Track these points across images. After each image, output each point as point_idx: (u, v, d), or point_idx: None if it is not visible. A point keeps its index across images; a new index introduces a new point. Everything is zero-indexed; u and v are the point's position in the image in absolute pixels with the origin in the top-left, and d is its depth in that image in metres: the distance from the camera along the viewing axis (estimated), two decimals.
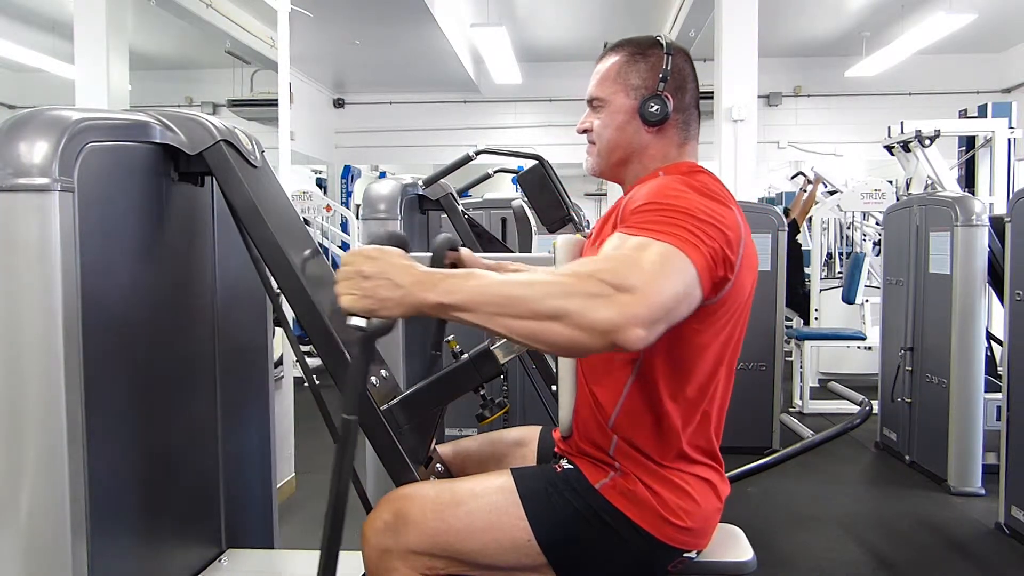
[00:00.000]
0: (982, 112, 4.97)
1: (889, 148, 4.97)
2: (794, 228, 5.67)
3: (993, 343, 3.70)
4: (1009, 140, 4.80)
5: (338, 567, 1.04)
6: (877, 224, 5.68)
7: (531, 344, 0.96)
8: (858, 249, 6.07)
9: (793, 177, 6.63)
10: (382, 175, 10.54)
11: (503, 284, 0.96)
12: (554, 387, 2.03)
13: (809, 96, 9.35)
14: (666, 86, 1.26)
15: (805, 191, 6.05)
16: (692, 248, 1.01)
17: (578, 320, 0.91)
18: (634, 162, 1.31)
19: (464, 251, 1.50)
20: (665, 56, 1.27)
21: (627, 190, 1.34)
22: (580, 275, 0.94)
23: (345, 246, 7.31)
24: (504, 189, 7.46)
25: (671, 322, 0.97)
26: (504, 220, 3.78)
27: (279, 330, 2.70)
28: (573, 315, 0.91)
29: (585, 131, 1.34)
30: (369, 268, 0.99)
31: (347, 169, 9.93)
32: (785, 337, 4.56)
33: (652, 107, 1.26)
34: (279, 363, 3.10)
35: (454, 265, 1.48)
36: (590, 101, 1.33)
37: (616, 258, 0.98)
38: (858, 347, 5.37)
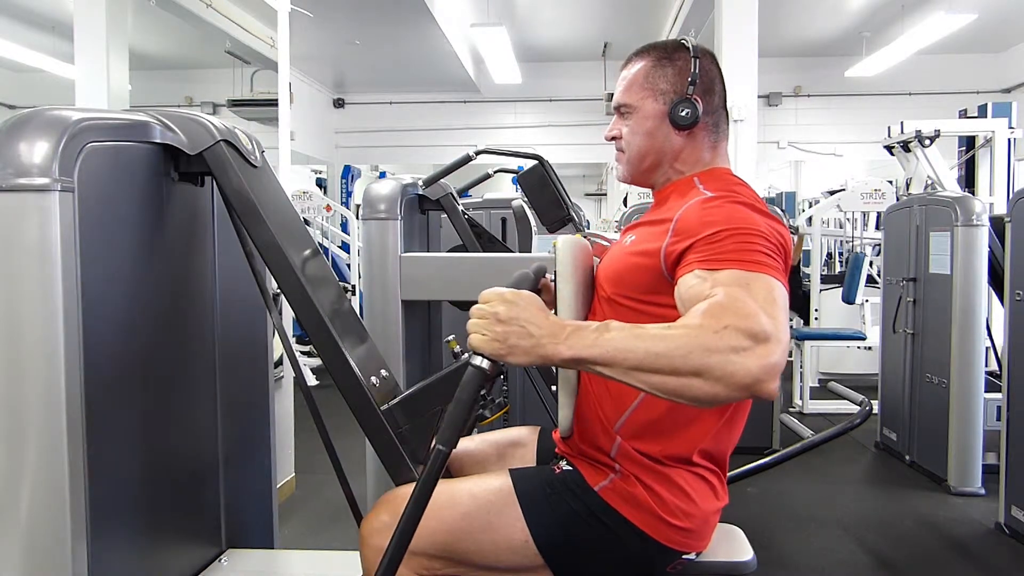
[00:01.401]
0: (982, 112, 4.97)
1: (889, 148, 4.97)
2: None
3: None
4: (1009, 140, 4.80)
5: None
6: (877, 228, 5.68)
7: (670, 398, 0.96)
8: (858, 247, 6.07)
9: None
10: (382, 175, 10.54)
11: (640, 338, 0.95)
12: (554, 387, 2.03)
13: (809, 96, 9.34)
14: (695, 89, 1.26)
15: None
16: (776, 272, 1.03)
17: (720, 375, 0.91)
18: (665, 166, 1.31)
19: (548, 277, 1.49)
20: (692, 59, 1.27)
21: (658, 194, 1.34)
22: (716, 329, 0.93)
23: (345, 246, 7.31)
24: (504, 189, 7.45)
25: None
26: (504, 220, 3.78)
27: None
28: (715, 370, 0.91)
29: (614, 138, 1.34)
30: (505, 312, 0.99)
31: (347, 169, 9.93)
32: None
33: (682, 111, 1.25)
34: (279, 363, 3.10)
35: (537, 291, 1.46)
36: (618, 108, 1.33)
37: (738, 303, 0.96)
38: (858, 347, 5.37)
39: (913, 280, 3.77)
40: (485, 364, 0.99)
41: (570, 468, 1.26)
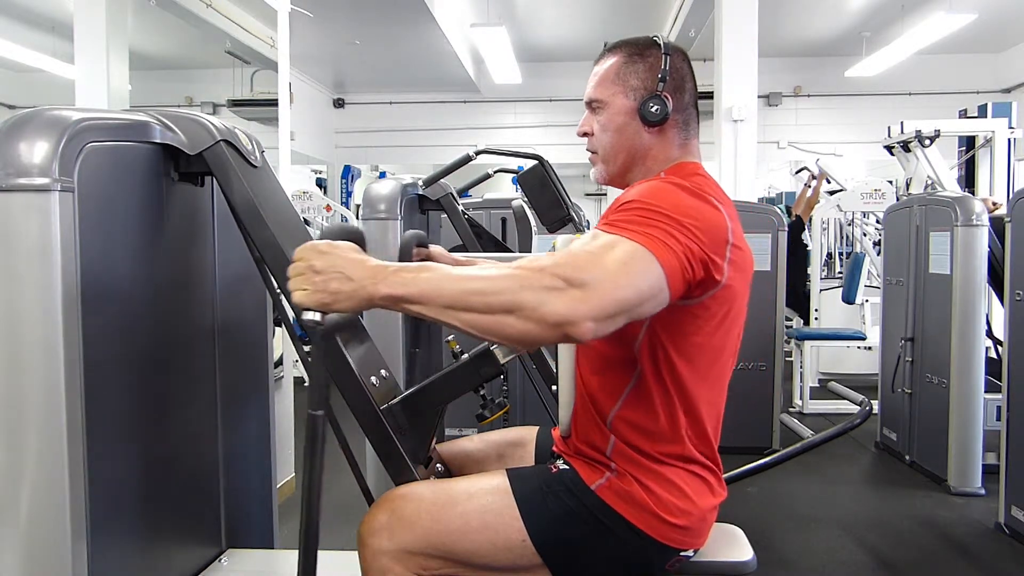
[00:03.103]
0: (982, 112, 4.98)
1: (889, 148, 4.97)
2: (799, 225, 5.68)
3: (996, 344, 3.70)
4: (1009, 140, 4.80)
5: (317, 565, 1.04)
6: (877, 223, 5.69)
7: (485, 337, 0.98)
8: (859, 248, 6.07)
9: (797, 172, 6.65)
10: (382, 175, 10.54)
11: (457, 278, 0.98)
12: (554, 387, 2.03)
13: (809, 96, 9.34)
14: (665, 86, 1.26)
15: (809, 187, 6.04)
16: (663, 249, 1.03)
17: (530, 313, 0.94)
18: (638, 165, 1.30)
19: (434, 248, 1.50)
20: (663, 56, 1.27)
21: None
22: (534, 269, 0.96)
23: None
24: (504, 189, 7.46)
25: (632, 318, 1.01)
26: (504, 220, 3.78)
27: (279, 330, 2.70)
28: (526, 308, 0.94)
29: (585, 134, 1.34)
30: (320, 263, 1.00)
31: (347, 169, 9.93)
32: (785, 337, 4.56)
33: (652, 107, 1.25)
34: (279, 363, 3.10)
35: (424, 261, 1.48)
36: (589, 103, 1.33)
37: (577, 254, 0.99)
38: (858, 347, 5.37)
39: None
40: (316, 316, 1.00)
41: (567, 467, 1.26)
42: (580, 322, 0.93)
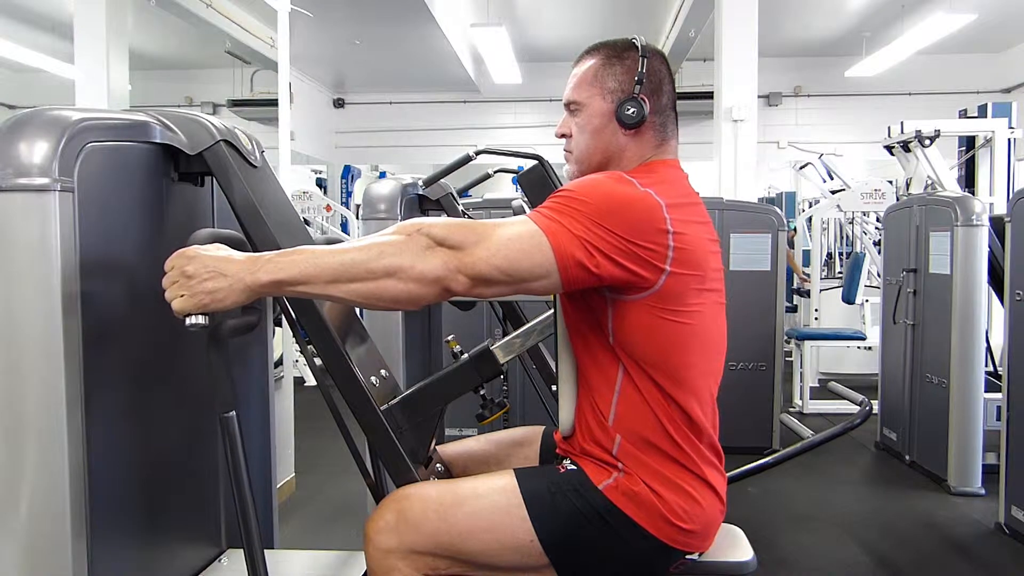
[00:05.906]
0: (982, 112, 4.97)
1: (889, 148, 4.97)
2: None
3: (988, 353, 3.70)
4: (1009, 140, 4.80)
5: (267, 561, 1.05)
6: (877, 221, 5.69)
7: (372, 303, 1.04)
8: (859, 247, 6.07)
9: (801, 168, 6.74)
10: (382, 175, 10.53)
11: (333, 252, 1.03)
12: (554, 387, 2.03)
13: (809, 96, 9.33)
14: (642, 88, 1.26)
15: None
16: (564, 236, 1.08)
17: (408, 272, 1.03)
18: (612, 165, 1.31)
19: None
20: (641, 59, 1.27)
21: None
22: (410, 231, 1.05)
23: None
24: (504, 189, 7.46)
25: (518, 290, 1.10)
26: None
27: (279, 330, 2.70)
28: (404, 269, 1.03)
29: (564, 136, 1.35)
30: (191, 267, 1.02)
31: (347, 169, 9.92)
32: (785, 337, 4.56)
33: (629, 110, 1.26)
34: (279, 363, 3.10)
35: None
36: (567, 105, 1.34)
37: (462, 222, 1.07)
38: (858, 347, 5.38)
39: (914, 271, 3.77)
40: (200, 320, 1.02)
41: (574, 467, 1.26)
42: (452, 276, 1.04)
